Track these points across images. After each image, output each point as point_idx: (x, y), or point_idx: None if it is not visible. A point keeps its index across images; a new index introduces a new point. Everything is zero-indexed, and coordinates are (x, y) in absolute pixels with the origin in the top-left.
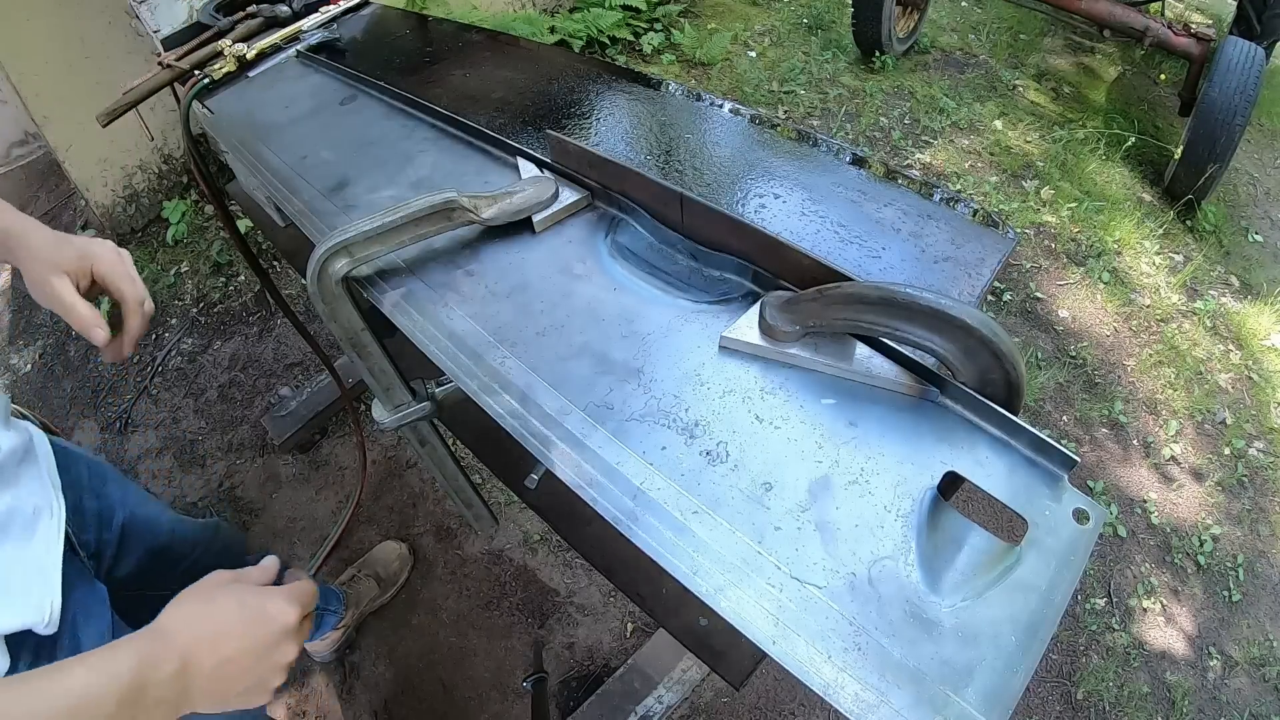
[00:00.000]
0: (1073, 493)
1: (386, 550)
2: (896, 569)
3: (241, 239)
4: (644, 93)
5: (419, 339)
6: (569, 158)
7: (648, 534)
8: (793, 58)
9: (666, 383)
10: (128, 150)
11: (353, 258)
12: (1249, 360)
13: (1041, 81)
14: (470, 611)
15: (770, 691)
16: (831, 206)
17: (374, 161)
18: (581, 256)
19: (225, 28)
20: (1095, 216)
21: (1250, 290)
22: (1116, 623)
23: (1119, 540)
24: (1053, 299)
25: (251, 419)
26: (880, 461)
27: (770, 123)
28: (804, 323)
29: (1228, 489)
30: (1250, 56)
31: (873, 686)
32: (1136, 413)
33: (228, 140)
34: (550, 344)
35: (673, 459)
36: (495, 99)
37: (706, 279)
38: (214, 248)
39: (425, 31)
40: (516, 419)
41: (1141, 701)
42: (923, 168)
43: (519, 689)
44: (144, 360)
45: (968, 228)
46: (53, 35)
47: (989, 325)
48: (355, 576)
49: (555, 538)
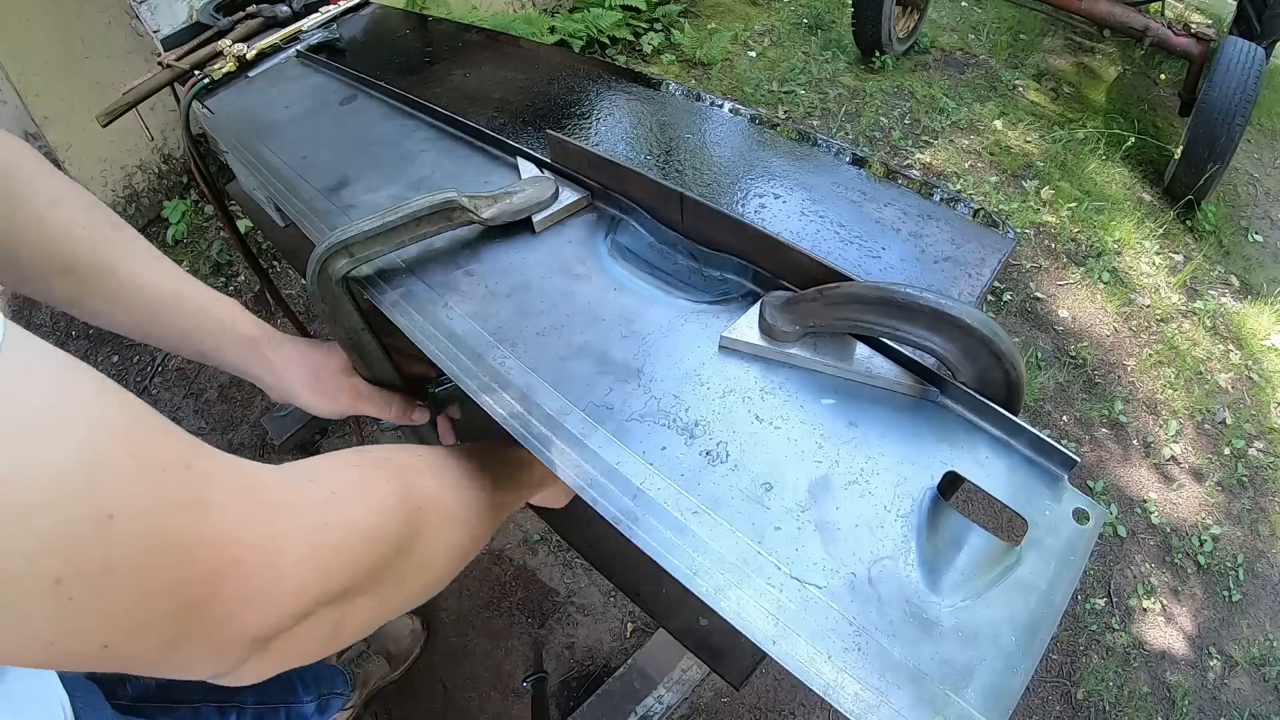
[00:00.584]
0: (1073, 493)
1: (398, 625)
2: (896, 569)
3: (241, 239)
4: (644, 93)
5: (419, 339)
6: (569, 158)
7: (648, 534)
8: (793, 58)
9: (666, 383)
10: (128, 150)
11: (353, 258)
12: (1249, 360)
13: (1041, 81)
14: (470, 611)
15: (770, 691)
16: (831, 206)
17: (374, 161)
18: (581, 256)
19: (225, 28)
20: (1095, 216)
21: (1250, 290)
22: (1116, 623)
23: (1119, 540)
24: (1053, 299)
25: (251, 419)
26: (880, 461)
27: (770, 123)
28: (804, 323)
29: (1228, 489)
30: (1250, 56)
31: (873, 686)
32: (1136, 413)
33: (228, 140)
34: (550, 344)
35: (673, 459)
36: (495, 99)
37: (706, 279)
38: (214, 248)
39: (425, 31)
40: (516, 419)
41: (1141, 701)
42: (923, 168)
43: (519, 689)
44: (144, 360)
45: (968, 228)
46: (53, 35)
47: (989, 325)
48: (364, 653)
49: (555, 538)
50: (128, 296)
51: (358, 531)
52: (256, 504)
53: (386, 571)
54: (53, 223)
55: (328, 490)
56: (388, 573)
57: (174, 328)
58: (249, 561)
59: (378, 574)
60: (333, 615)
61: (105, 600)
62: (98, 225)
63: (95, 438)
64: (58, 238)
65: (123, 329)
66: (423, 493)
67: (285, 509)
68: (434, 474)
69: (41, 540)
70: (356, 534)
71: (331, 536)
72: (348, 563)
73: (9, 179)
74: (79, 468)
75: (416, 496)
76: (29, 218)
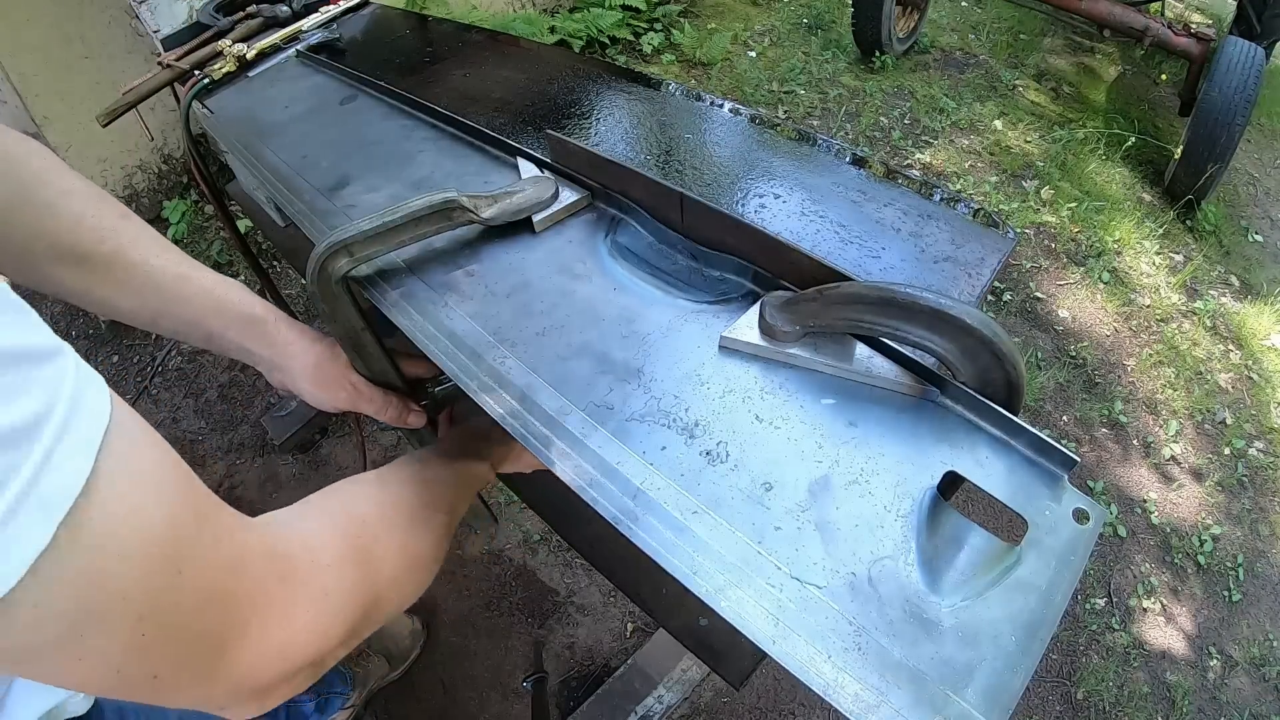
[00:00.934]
0: (1073, 493)
1: (398, 625)
2: (896, 569)
3: (241, 239)
4: (644, 93)
5: (419, 339)
6: (569, 158)
7: (648, 534)
8: (793, 58)
9: (666, 382)
10: (128, 150)
11: (353, 257)
12: (1249, 360)
13: (1041, 81)
14: (470, 611)
15: (770, 691)
16: (831, 206)
17: (374, 161)
18: (581, 256)
19: (225, 28)
20: (1095, 216)
21: (1250, 290)
22: (1116, 623)
23: (1119, 540)
24: (1053, 299)
25: (251, 419)
26: (880, 461)
27: (770, 123)
28: (804, 323)
29: (1228, 489)
30: (1250, 56)
31: (873, 686)
32: (1136, 413)
33: (227, 140)
34: (550, 344)
35: (673, 459)
36: (495, 99)
37: (706, 279)
38: (214, 248)
39: (425, 31)
40: (516, 419)
41: (1141, 701)
42: (923, 168)
43: (519, 689)
44: (144, 360)
45: (968, 228)
46: (53, 35)
47: (989, 325)
48: (364, 653)
49: (555, 538)
50: (137, 284)
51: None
52: (277, 575)
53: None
54: (64, 213)
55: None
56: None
57: (182, 313)
58: (269, 621)
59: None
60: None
61: (167, 637)
62: (107, 215)
63: (175, 507)
64: (69, 228)
65: (132, 317)
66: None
67: (295, 580)
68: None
69: (134, 583)
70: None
71: (330, 603)
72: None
73: (22, 171)
74: (164, 529)
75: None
76: (41, 209)
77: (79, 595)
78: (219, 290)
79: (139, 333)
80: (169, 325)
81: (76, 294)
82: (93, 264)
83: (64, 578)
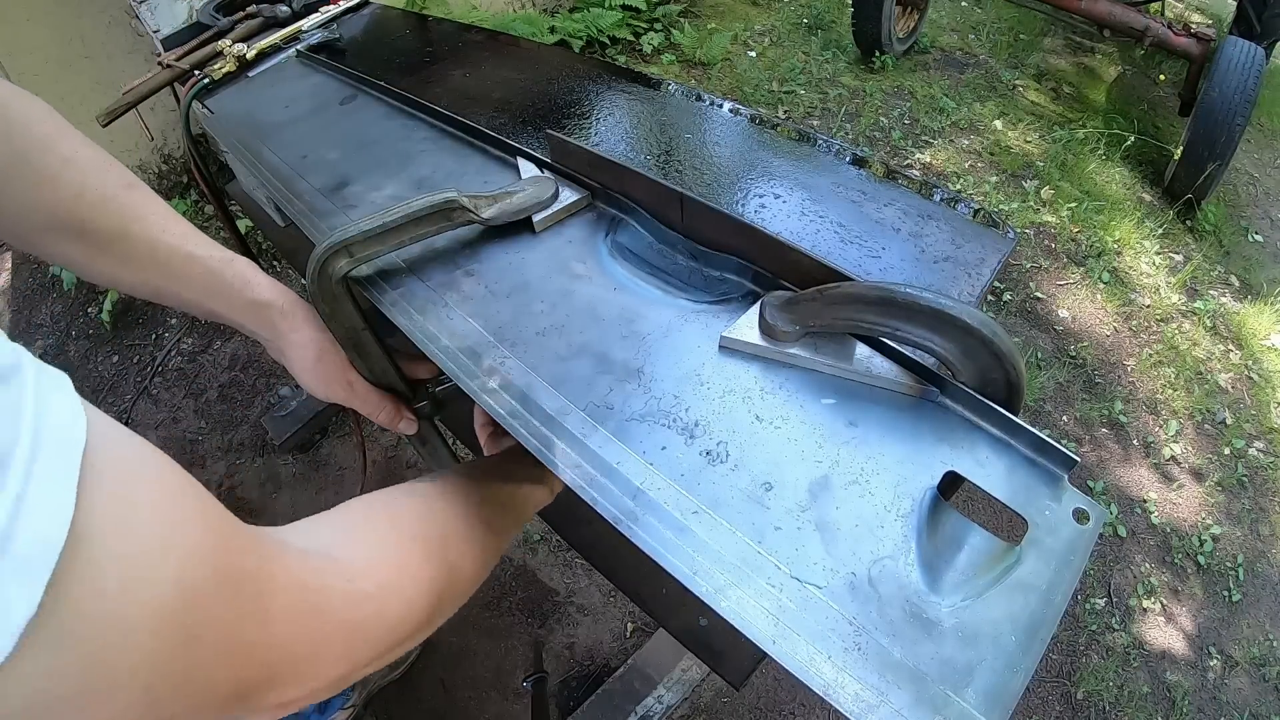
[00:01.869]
0: (1073, 493)
1: None
2: (896, 569)
3: (241, 239)
4: (644, 93)
5: (419, 339)
6: (569, 158)
7: (648, 534)
8: (793, 58)
9: (666, 382)
10: (128, 150)
11: (353, 257)
12: (1249, 360)
13: (1041, 81)
14: (470, 611)
15: (770, 691)
16: (831, 206)
17: (374, 161)
18: (581, 256)
19: (225, 28)
20: (1095, 216)
21: (1250, 290)
22: (1116, 623)
23: (1119, 540)
24: (1053, 299)
25: (251, 419)
26: (880, 461)
27: (770, 123)
28: (804, 323)
29: (1228, 489)
30: (1250, 56)
31: (873, 686)
32: (1136, 413)
33: (228, 140)
34: (550, 344)
35: (673, 459)
36: (495, 99)
37: (706, 279)
38: None
39: (425, 31)
40: (516, 419)
41: (1141, 701)
42: (923, 168)
43: (519, 689)
44: (144, 360)
45: (968, 228)
46: (52, 35)
47: (989, 325)
48: None
49: (555, 538)
50: (141, 259)
51: (386, 626)
52: (309, 611)
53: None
54: (65, 185)
55: (371, 586)
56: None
57: (185, 292)
58: (297, 664)
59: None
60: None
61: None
62: (111, 186)
63: (187, 568)
64: (69, 200)
65: (133, 291)
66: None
67: (330, 615)
68: (467, 543)
69: (141, 657)
70: (385, 628)
71: (367, 633)
72: (374, 651)
73: (24, 136)
74: (175, 597)
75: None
76: (41, 178)
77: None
78: (226, 272)
79: (139, 332)
80: (172, 302)
81: (77, 265)
82: (94, 238)
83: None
